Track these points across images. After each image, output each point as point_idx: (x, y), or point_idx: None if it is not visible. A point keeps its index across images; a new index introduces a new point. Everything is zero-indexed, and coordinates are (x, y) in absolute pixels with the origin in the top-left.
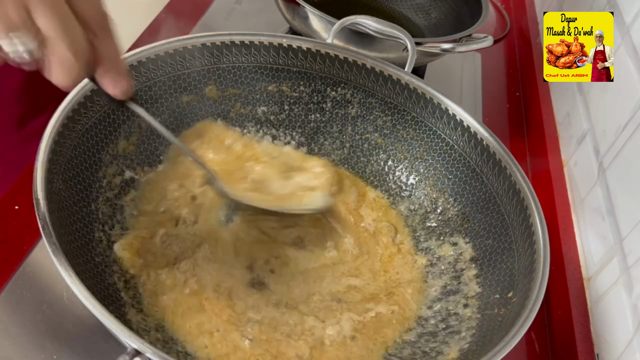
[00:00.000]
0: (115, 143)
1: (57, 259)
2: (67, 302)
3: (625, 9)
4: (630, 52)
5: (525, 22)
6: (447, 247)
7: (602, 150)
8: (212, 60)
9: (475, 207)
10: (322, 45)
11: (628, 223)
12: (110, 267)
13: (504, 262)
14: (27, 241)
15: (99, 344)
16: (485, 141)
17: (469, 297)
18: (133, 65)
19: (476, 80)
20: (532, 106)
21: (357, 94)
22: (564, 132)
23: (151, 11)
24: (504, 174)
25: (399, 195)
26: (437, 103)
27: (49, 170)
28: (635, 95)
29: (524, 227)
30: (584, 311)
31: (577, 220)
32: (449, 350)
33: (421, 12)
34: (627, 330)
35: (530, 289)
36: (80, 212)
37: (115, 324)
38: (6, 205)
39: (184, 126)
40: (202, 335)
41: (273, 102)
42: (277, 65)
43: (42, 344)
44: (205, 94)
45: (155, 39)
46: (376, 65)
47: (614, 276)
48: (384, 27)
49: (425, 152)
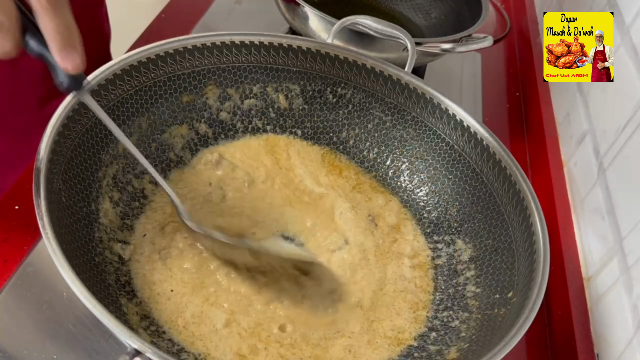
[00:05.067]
0: (115, 143)
1: (57, 259)
2: (67, 302)
3: (625, 9)
4: (630, 52)
5: (525, 22)
6: (447, 247)
7: (602, 150)
8: (212, 60)
9: (475, 207)
10: (322, 45)
11: (628, 223)
12: (110, 267)
13: (503, 262)
14: (27, 241)
15: (99, 344)
16: (485, 141)
17: (468, 297)
18: (133, 65)
19: (476, 80)
20: (532, 106)
21: (357, 94)
22: (564, 132)
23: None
24: (504, 174)
25: (399, 195)
26: (437, 103)
27: (49, 170)
28: (635, 95)
29: (524, 227)
30: (584, 311)
31: (577, 220)
32: (449, 350)
33: (421, 12)
34: (627, 330)
35: (530, 289)
36: (80, 212)
37: (115, 324)
38: (6, 205)
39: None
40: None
41: (273, 102)
42: (277, 65)
43: (42, 344)
44: (205, 93)
45: (155, 39)
46: (376, 65)
47: (614, 276)
48: (384, 27)
49: (425, 152)
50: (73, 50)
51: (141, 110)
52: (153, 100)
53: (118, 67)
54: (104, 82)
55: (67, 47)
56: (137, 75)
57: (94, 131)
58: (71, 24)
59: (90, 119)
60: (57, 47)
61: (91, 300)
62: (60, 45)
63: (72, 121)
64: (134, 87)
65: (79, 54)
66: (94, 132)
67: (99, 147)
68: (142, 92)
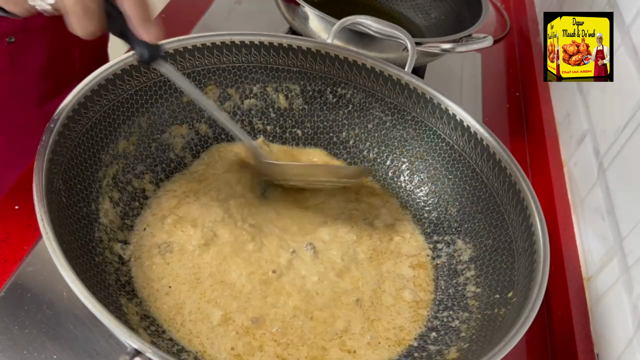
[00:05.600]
0: (115, 143)
1: (57, 259)
2: (67, 302)
3: (625, 9)
4: (630, 52)
5: (525, 22)
6: (447, 247)
7: (602, 150)
8: (212, 60)
9: (475, 207)
10: (322, 45)
11: (628, 223)
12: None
13: (503, 262)
14: (27, 241)
15: (99, 344)
16: (485, 141)
17: (468, 297)
18: (133, 65)
19: (476, 80)
20: (532, 106)
21: (357, 94)
22: (564, 132)
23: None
24: (504, 174)
25: (398, 195)
26: (437, 103)
27: (49, 170)
28: (635, 95)
29: (524, 227)
30: (584, 311)
31: (577, 220)
32: (449, 350)
33: (421, 12)
34: (627, 330)
35: (530, 289)
36: (80, 212)
37: (115, 324)
38: (6, 205)
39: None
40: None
41: (273, 103)
42: (277, 65)
43: (42, 344)
44: (205, 93)
45: None
46: (376, 65)
47: (614, 276)
48: (384, 27)
49: (425, 152)
50: (150, 23)
51: (141, 110)
52: (153, 100)
53: (118, 67)
54: (104, 82)
55: (146, 21)
56: (137, 75)
57: (94, 131)
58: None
59: (90, 118)
60: (138, 23)
61: (91, 300)
62: (140, 20)
63: (72, 121)
64: (134, 87)
65: (156, 26)
66: (94, 132)
67: (99, 147)
68: (142, 92)
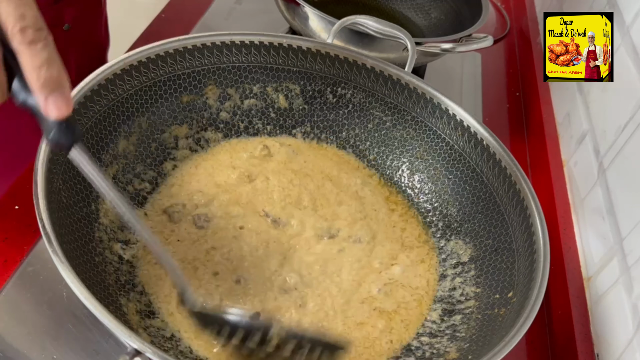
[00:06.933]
0: (115, 143)
1: (57, 259)
2: (67, 302)
3: (625, 9)
4: (630, 52)
5: (525, 22)
6: (447, 247)
7: (602, 150)
8: (212, 60)
9: (475, 207)
10: (322, 45)
11: (628, 223)
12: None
13: (504, 262)
14: (27, 241)
15: (99, 344)
16: (485, 141)
17: (468, 297)
18: (133, 65)
19: (476, 80)
20: (532, 106)
21: (357, 94)
22: (564, 132)
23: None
24: (504, 174)
25: (398, 195)
26: (437, 103)
27: (49, 170)
28: (635, 95)
29: (524, 227)
30: (584, 311)
31: (577, 220)
32: (449, 350)
33: (421, 12)
34: (627, 330)
35: (530, 289)
36: (80, 212)
37: (115, 324)
38: (6, 205)
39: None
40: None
41: (273, 102)
42: (277, 65)
43: (42, 344)
44: (205, 93)
45: (155, 39)
46: (376, 65)
47: (614, 276)
48: (384, 27)
49: (425, 152)
50: (56, 91)
51: (141, 110)
52: (153, 100)
53: (118, 67)
54: (104, 82)
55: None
56: (137, 75)
57: (94, 131)
58: (54, 59)
59: (90, 118)
60: (37, 87)
61: (91, 300)
62: (41, 84)
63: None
64: (134, 87)
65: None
66: (94, 132)
67: (99, 147)
68: (142, 92)
